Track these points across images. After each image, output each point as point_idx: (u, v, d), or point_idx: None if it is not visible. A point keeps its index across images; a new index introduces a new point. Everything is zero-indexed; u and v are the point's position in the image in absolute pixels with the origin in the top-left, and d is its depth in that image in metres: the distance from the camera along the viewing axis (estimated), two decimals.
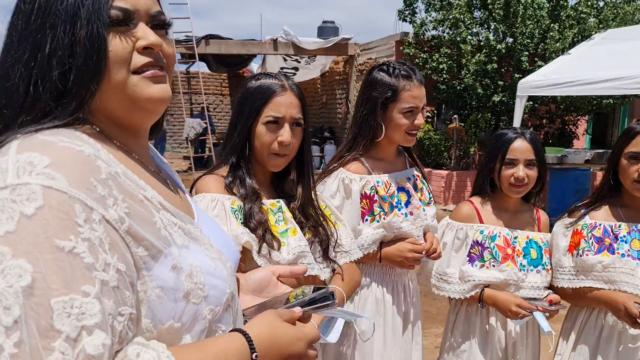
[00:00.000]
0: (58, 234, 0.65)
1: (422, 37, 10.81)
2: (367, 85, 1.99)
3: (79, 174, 0.70)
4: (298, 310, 0.92)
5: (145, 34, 0.83)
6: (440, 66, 10.07)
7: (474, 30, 10.36)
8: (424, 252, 1.98)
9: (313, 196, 1.64)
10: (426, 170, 10.35)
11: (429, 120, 11.45)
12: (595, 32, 9.40)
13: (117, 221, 0.72)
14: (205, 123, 13.39)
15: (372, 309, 2.02)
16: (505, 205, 2.13)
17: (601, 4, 10.50)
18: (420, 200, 2.08)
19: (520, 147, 2.03)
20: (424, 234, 2.08)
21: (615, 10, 10.22)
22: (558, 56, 9.05)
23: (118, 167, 0.79)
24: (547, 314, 1.93)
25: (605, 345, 1.95)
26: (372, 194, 1.96)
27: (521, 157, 2.02)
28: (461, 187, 9.95)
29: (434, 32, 10.76)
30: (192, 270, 0.81)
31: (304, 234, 1.57)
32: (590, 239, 1.96)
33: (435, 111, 11.92)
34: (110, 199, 0.73)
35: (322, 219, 1.64)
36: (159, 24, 0.86)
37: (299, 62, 14.30)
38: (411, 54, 10.75)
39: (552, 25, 9.67)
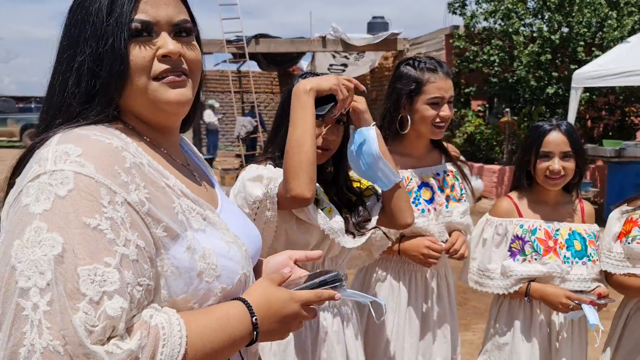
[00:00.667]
0: (85, 213, 0.77)
1: (472, 29, 10.65)
2: (394, 80, 2.03)
3: (106, 163, 0.82)
4: (287, 271, 1.03)
5: (164, 43, 0.92)
6: (492, 58, 9.90)
7: (527, 21, 10.12)
8: (443, 252, 1.99)
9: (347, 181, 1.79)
10: (477, 165, 10.25)
11: (480, 114, 11.27)
12: None
13: (137, 204, 0.82)
14: (256, 121, 13.62)
15: (387, 295, 2.07)
16: (544, 199, 2.11)
17: None
18: (449, 196, 2.08)
19: (556, 140, 2.00)
20: (450, 232, 2.09)
21: None
22: (616, 45, 8.74)
23: (144, 158, 0.89)
24: (596, 307, 1.91)
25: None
26: None
27: (556, 150, 2.00)
28: None
29: (484, 24, 10.58)
30: (205, 252, 0.90)
31: (341, 214, 1.69)
32: None
33: (487, 105, 11.71)
34: (133, 184, 0.83)
35: (357, 197, 1.78)
36: (183, 31, 0.95)
37: (348, 58, 14.31)
38: (462, 47, 10.61)
39: (610, 12, 9.33)
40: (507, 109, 9.99)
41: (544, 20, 9.95)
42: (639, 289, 1.95)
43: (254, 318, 0.90)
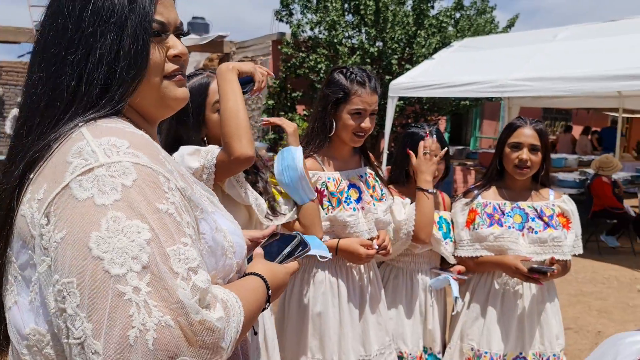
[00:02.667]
0: (155, 199, 0.81)
1: (299, 37, 11.19)
2: (325, 84, 2.19)
3: (152, 153, 0.86)
4: (260, 250, 1.17)
5: (175, 44, 0.99)
6: (319, 66, 10.50)
7: (349, 33, 10.94)
8: (375, 247, 2.18)
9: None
10: None
11: (306, 118, 11.88)
12: (454, 40, 10.42)
13: (183, 189, 0.89)
14: None
15: (327, 291, 2.18)
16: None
17: (458, 15, 11.63)
18: (372, 196, 2.27)
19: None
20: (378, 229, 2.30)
21: (469, 22, 11.39)
22: (423, 60, 9.92)
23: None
24: (458, 282, 2.31)
25: (492, 301, 2.36)
26: (322, 189, 2.15)
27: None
28: None
29: (310, 33, 11.18)
30: (224, 232, 1.00)
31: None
32: (483, 215, 2.36)
33: (312, 110, 12.36)
34: (175, 172, 0.89)
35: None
36: (181, 33, 1.03)
37: None
38: (289, 53, 11.08)
39: (418, 31, 10.53)
40: None
41: (363, 34, 10.85)
42: (489, 263, 2.36)
43: (269, 290, 1.04)
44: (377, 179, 2.34)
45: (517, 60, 8.22)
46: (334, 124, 2.15)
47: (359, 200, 2.21)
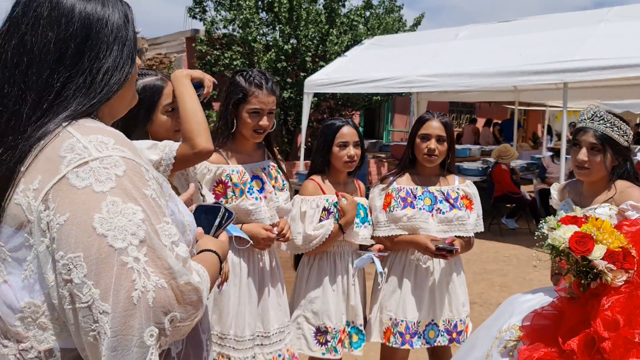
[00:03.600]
0: (142, 186, 0.98)
1: (213, 34, 11.19)
2: (228, 86, 2.38)
3: (132, 148, 1.02)
4: (200, 230, 1.28)
5: (139, 63, 1.16)
6: (234, 63, 10.57)
7: (263, 30, 11.08)
8: (275, 233, 2.39)
9: None
10: None
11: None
12: (365, 38, 10.85)
13: (157, 178, 1.06)
14: None
15: (229, 271, 2.37)
16: (337, 180, 2.71)
17: (368, 14, 12.10)
18: (274, 186, 2.48)
19: (349, 132, 2.62)
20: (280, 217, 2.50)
21: (379, 20, 11.89)
22: (336, 58, 10.27)
23: None
24: (380, 259, 2.58)
25: (407, 276, 2.66)
26: (226, 180, 2.34)
27: (351, 140, 2.62)
28: None
29: (225, 31, 11.21)
30: (183, 212, 1.18)
31: None
32: (398, 198, 2.64)
33: None
34: (149, 164, 1.06)
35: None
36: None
37: None
38: (204, 50, 11.06)
39: (330, 30, 10.86)
40: None
41: (277, 31, 11.03)
42: (404, 242, 2.65)
43: (222, 264, 1.22)
44: (279, 171, 2.55)
45: (424, 57, 8.73)
46: (235, 121, 2.35)
47: (261, 190, 2.42)
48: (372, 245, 2.67)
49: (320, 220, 2.59)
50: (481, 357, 2.16)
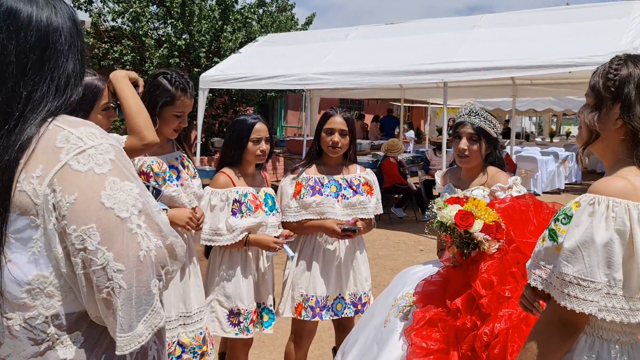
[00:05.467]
0: (129, 168, 1.19)
1: (100, 27, 10.80)
2: (151, 86, 2.46)
3: (110, 136, 1.22)
4: None
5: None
6: (124, 58, 10.28)
7: (154, 25, 10.86)
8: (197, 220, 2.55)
9: None
10: None
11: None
12: (259, 36, 11.02)
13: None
14: None
15: None
16: (247, 172, 2.90)
17: (261, 11, 12.27)
18: (187, 174, 2.64)
19: (262, 128, 2.83)
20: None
21: (272, 18, 12.10)
22: (231, 54, 10.34)
23: None
24: (289, 244, 2.81)
25: (316, 256, 2.92)
26: (148, 171, 2.47)
27: (264, 136, 2.83)
28: None
29: (113, 24, 10.86)
30: None
31: None
32: (307, 187, 2.89)
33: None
34: None
35: None
36: None
37: None
38: (90, 43, 10.64)
39: (224, 26, 10.90)
40: None
41: (169, 26, 10.87)
42: (313, 226, 2.90)
43: None
44: (189, 160, 2.73)
45: (317, 55, 9.08)
46: (157, 120, 2.47)
47: (178, 177, 2.58)
48: (280, 231, 2.89)
49: (233, 213, 2.77)
50: (380, 323, 2.46)
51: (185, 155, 2.73)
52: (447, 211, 2.22)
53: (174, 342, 2.52)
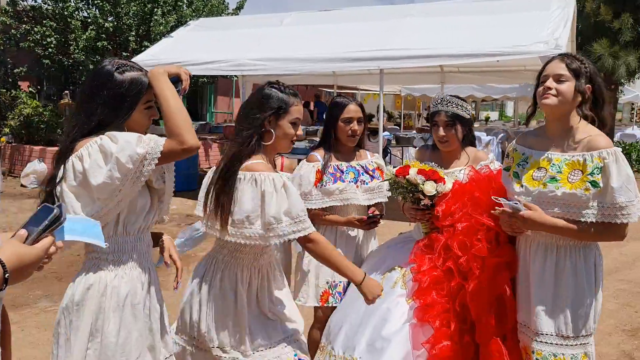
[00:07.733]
0: None
1: (18, 6, 10.20)
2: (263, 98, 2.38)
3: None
4: (23, 232, 1.20)
5: None
6: (47, 39, 9.78)
7: (79, 5, 10.39)
8: None
9: None
10: (38, 148, 9.97)
11: (32, 95, 10.95)
12: (191, 20, 10.79)
13: None
14: None
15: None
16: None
17: None
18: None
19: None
20: None
21: (203, 2, 11.86)
22: (162, 38, 10.06)
23: None
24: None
25: (339, 243, 2.98)
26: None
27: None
28: None
29: (33, 3, 10.29)
30: None
31: None
32: (328, 174, 2.95)
33: (39, 87, 11.44)
34: None
35: None
36: None
37: None
38: (7, 23, 10.04)
39: (154, 9, 10.58)
40: (66, 92, 10.12)
41: (95, 8, 10.43)
42: (338, 222, 2.97)
43: (6, 275, 1.14)
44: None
45: (251, 41, 9.01)
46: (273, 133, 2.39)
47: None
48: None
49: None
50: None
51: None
52: (391, 170, 2.72)
53: None
